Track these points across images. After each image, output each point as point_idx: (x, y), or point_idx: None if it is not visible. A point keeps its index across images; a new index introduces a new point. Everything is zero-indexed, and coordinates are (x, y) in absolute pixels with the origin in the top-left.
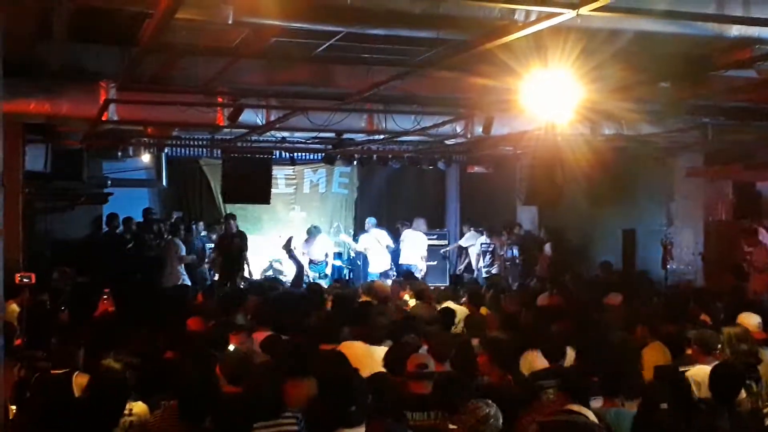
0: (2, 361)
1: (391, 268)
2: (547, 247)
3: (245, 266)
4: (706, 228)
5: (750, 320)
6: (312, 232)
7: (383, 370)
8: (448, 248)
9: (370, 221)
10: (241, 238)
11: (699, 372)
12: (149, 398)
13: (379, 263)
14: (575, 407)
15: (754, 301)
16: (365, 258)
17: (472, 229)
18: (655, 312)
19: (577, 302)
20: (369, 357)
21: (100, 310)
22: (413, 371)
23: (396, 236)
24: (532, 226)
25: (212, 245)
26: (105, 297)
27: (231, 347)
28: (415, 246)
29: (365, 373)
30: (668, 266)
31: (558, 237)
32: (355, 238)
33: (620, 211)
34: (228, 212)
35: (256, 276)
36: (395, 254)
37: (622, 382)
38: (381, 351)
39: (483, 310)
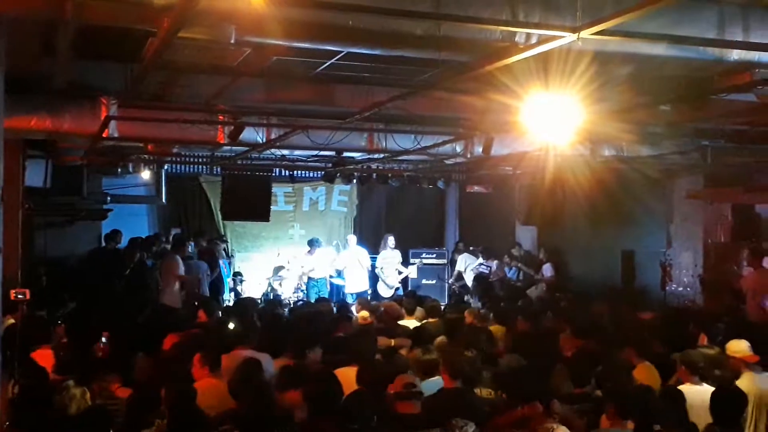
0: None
1: (367, 290)
2: (547, 268)
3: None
4: (705, 250)
5: (739, 346)
6: (313, 244)
7: None
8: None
9: (351, 238)
10: (210, 256)
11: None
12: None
13: (356, 283)
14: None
15: (754, 323)
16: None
17: (467, 250)
18: (651, 332)
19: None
20: None
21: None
22: (401, 391)
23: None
24: (532, 247)
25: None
26: (103, 341)
27: None
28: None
29: None
30: (667, 288)
31: (557, 258)
32: None
33: (620, 232)
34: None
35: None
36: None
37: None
38: None
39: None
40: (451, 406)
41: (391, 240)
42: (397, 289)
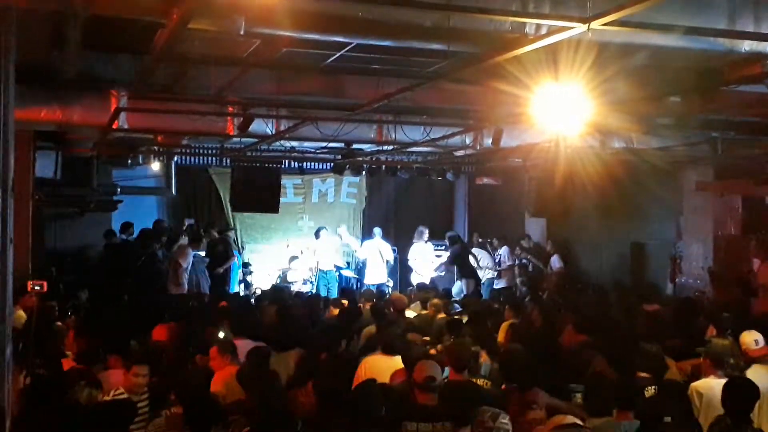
0: (11, 369)
1: (386, 282)
2: (555, 260)
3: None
4: (715, 242)
5: (748, 337)
6: (319, 231)
7: None
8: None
9: (376, 231)
10: (224, 245)
11: (704, 385)
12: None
13: (375, 275)
14: (570, 419)
15: (760, 316)
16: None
17: (479, 245)
18: (662, 324)
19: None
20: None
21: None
22: (421, 383)
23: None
24: (541, 239)
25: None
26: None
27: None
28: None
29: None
30: (677, 280)
31: (566, 250)
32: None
33: (629, 224)
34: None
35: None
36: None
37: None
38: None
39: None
40: (463, 398)
41: (426, 232)
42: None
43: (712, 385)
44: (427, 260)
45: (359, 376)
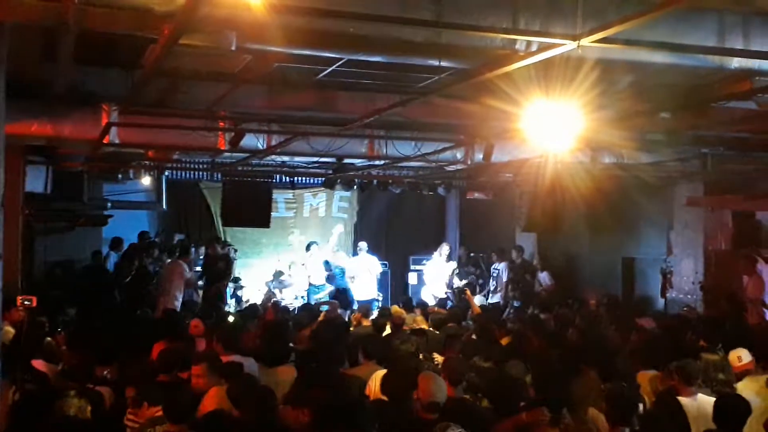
0: (1, 384)
1: (375, 297)
2: (544, 276)
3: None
4: (706, 257)
5: (733, 354)
6: (310, 245)
7: None
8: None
9: (362, 246)
10: (226, 261)
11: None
12: None
13: (364, 291)
14: None
15: (753, 330)
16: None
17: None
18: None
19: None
20: None
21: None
22: (427, 405)
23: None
24: (533, 254)
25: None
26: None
27: None
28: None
29: None
30: (668, 295)
31: (558, 265)
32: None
33: (620, 239)
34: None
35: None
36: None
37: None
38: None
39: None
40: (448, 416)
41: (445, 248)
42: (446, 299)
43: (685, 402)
44: (442, 278)
45: (371, 390)
